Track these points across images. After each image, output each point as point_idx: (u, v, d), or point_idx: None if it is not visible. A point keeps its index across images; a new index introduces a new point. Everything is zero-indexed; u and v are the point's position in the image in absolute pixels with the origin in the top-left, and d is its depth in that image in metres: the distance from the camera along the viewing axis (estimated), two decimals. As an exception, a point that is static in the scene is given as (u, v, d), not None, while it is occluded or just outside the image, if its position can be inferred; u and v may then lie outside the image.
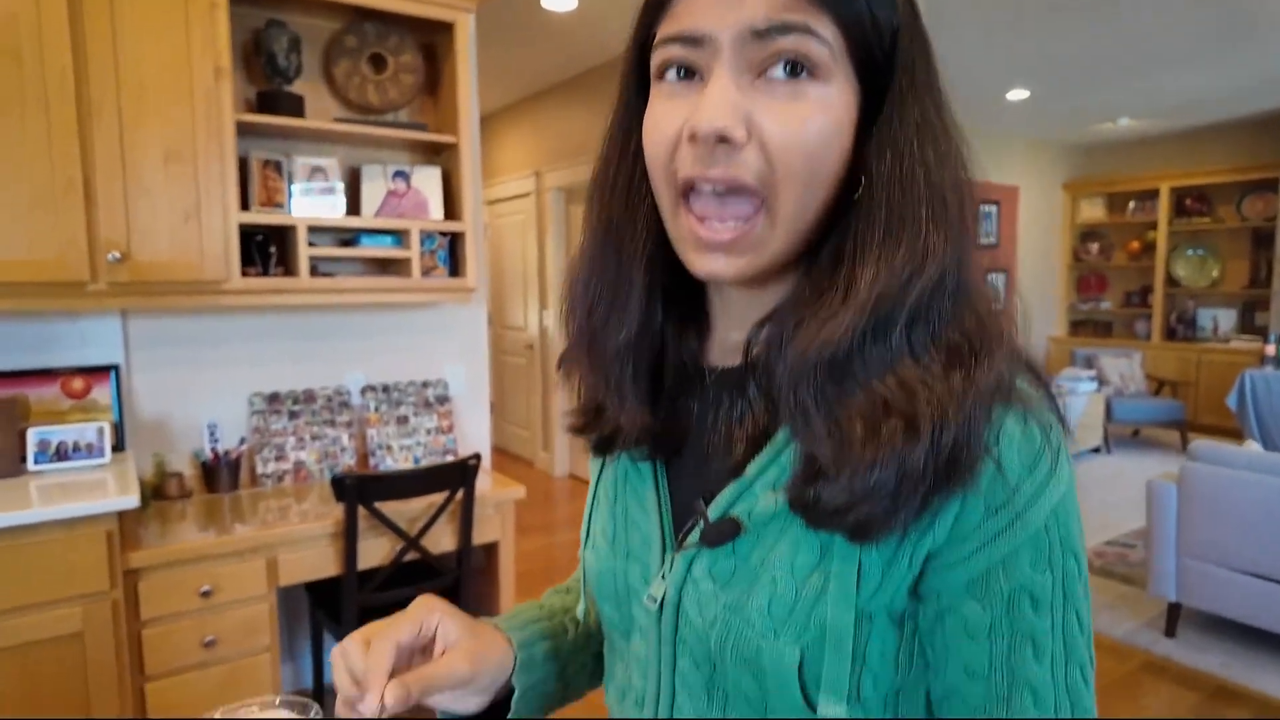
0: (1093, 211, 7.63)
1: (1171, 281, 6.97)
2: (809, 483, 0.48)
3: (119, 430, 2.23)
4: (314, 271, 2.31)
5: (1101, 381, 6.14)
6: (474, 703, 0.61)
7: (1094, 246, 7.63)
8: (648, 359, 0.59)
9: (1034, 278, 7.43)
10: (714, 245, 0.50)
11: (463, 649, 0.58)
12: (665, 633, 0.56)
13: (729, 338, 0.58)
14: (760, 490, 0.52)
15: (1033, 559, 0.47)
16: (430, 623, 0.58)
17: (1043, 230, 7.51)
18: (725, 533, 0.52)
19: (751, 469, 0.53)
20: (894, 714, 0.51)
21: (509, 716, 0.63)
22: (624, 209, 0.57)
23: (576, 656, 0.70)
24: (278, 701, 0.66)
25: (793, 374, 0.49)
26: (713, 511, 0.53)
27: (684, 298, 0.60)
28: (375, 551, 2.18)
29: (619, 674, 0.64)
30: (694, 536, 0.54)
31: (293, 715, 0.62)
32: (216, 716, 0.63)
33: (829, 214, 0.51)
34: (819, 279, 0.50)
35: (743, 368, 0.55)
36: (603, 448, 0.64)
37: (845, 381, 0.48)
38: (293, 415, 2.51)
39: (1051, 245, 7.68)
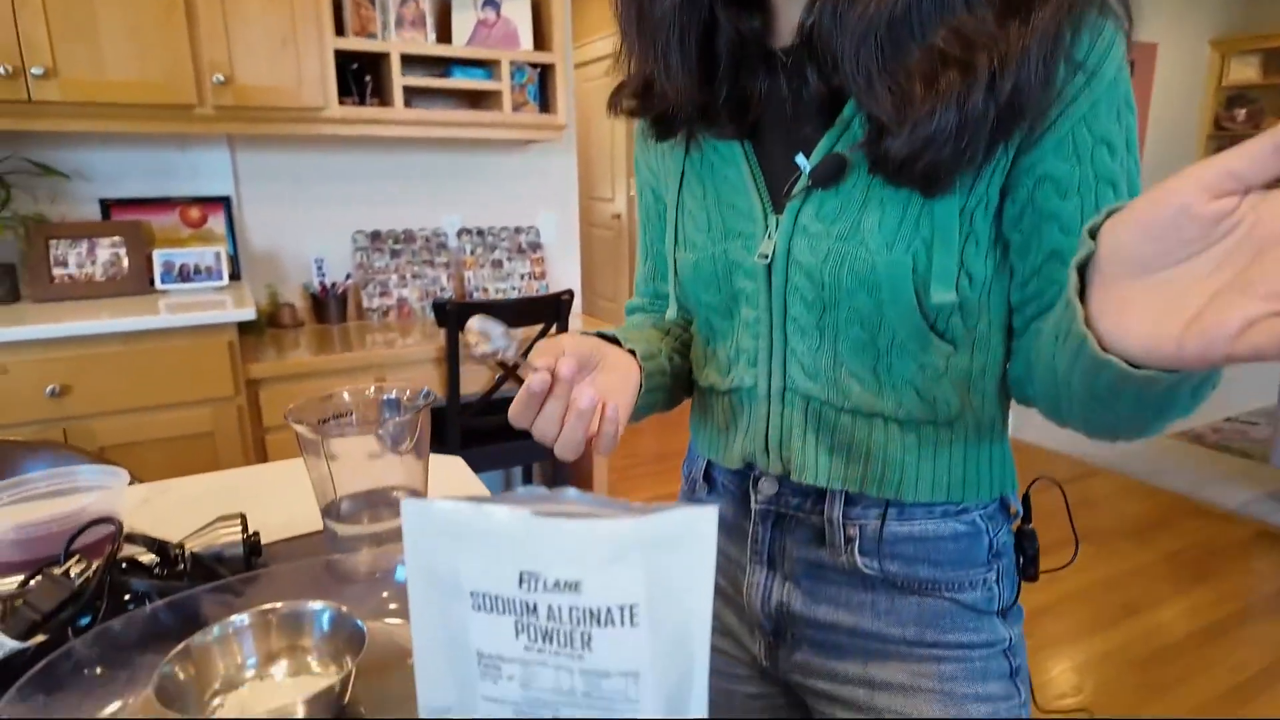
0: (1245, 71, 6.78)
1: (1331, 149, 6.19)
2: (876, 141, 0.53)
3: (234, 261, 2.35)
4: (407, 104, 2.30)
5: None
6: None
7: (1241, 113, 6.81)
8: (696, 31, 0.60)
9: (1164, 149, 6.75)
10: None
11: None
12: (776, 285, 0.61)
13: (788, 15, 0.60)
14: (857, 127, 0.56)
15: (1107, 111, 0.52)
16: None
17: (1180, 95, 6.75)
18: (835, 168, 0.56)
19: (845, 112, 0.56)
20: (987, 307, 0.58)
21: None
22: None
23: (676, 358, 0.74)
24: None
25: (853, 39, 0.52)
26: (815, 156, 0.58)
27: None
28: (475, 379, 2.26)
29: (720, 352, 0.68)
30: (801, 183, 0.58)
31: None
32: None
33: None
34: None
35: (804, 42, 0.57)
36: (663, 130, 0.67)
37: (903, 41, 0.51)
38: (394, 254, 2.58)
39: (1189, 112, 6.92)
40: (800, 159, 0.58)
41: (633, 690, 0.31)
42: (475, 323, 0.51)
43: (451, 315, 2.11)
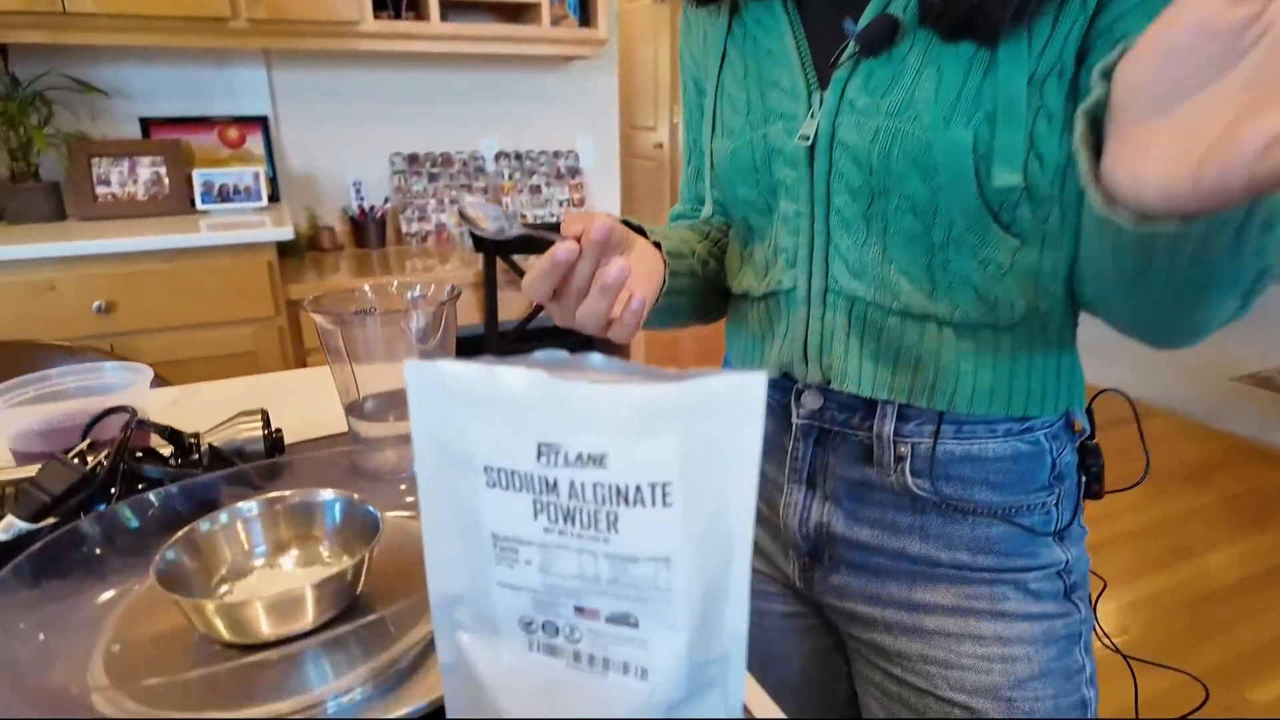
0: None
1: None
2: None
3: (273, 183, 2.33)
4: (444, 18, 2.23)
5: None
6: None
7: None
8: None
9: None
10: None
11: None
12: (819, 172, 0.55)
13: None
14: None
15: None
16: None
17: None
18: (885, 30, 0.50)
19: None
20: (1060, 196, 0.51)
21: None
22: None
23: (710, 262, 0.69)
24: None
25: None
26: (866, 16, 0.52)
27: None
28: (513, 306, 2.24)
29: (757, 253, 0.63)
30: (848, 51, 0.53)
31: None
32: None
33: None
34: None
35: None
36: None
37: None
38: (432, 178, 2.54)
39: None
40: (848, 24, 0.52)
41: (664, 577, 0.28)
42: (470, 208, 0.47)
43: (489, 240, 2.07)
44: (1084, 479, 0.61)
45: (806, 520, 0.64)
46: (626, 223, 0.59)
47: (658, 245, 0.59)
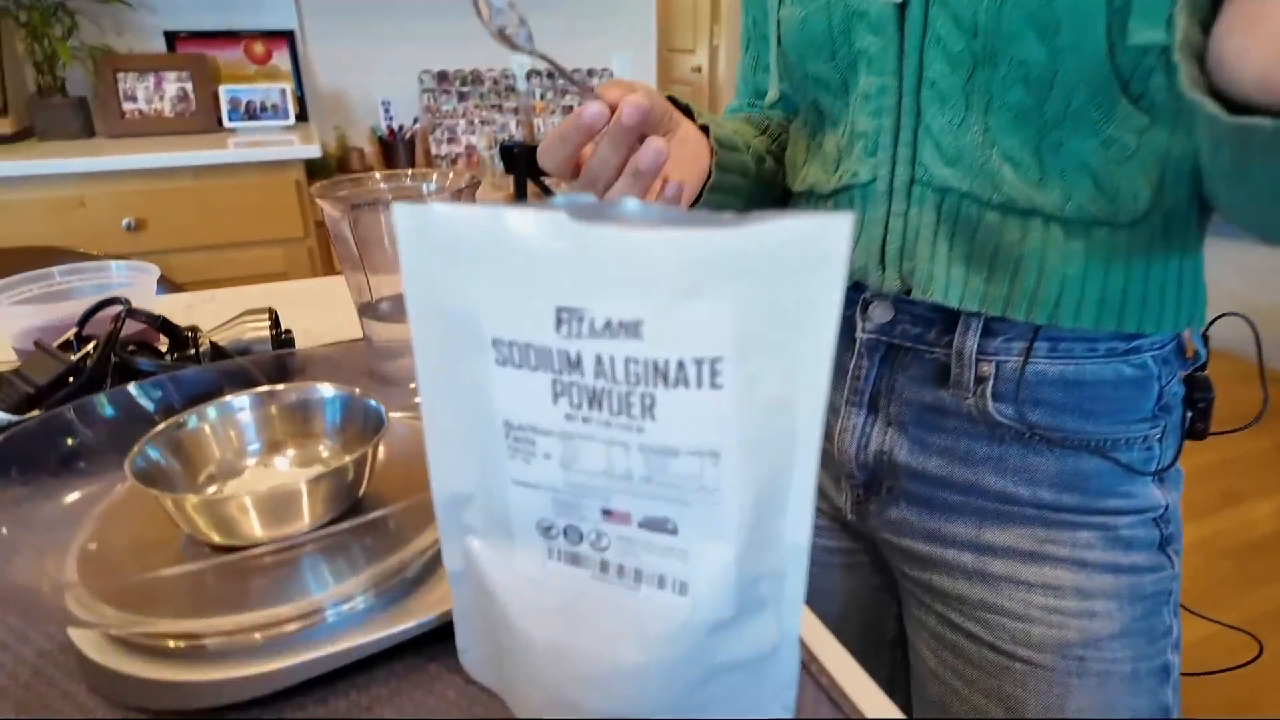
0: None
1: None
2: None
3: (301, 102, 2.27)
4: (474, -77, 2.11)
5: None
6: None
7: None
8: None
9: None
10: None
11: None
12: (910, 37, 0.47)
13: None
14: None
15: None
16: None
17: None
18: None
19: None
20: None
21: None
22: None
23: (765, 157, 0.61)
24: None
25: None
26: None
27: None
28: (544, 230, 2.18)
29: (829, 145, 0.55)
30: None
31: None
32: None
33: None
34: None
35: None
36: None
37: None
38: (461, 97, 2.45)
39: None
40: None
41: (710, 475, 0.23)
42: None
43: (520, 160, 2.00)
44: (1189, 415, 0.54)
45: (865, 447, 0.57)
46: (673, 101, 0.52)
47: (705, 130, 0.52)
